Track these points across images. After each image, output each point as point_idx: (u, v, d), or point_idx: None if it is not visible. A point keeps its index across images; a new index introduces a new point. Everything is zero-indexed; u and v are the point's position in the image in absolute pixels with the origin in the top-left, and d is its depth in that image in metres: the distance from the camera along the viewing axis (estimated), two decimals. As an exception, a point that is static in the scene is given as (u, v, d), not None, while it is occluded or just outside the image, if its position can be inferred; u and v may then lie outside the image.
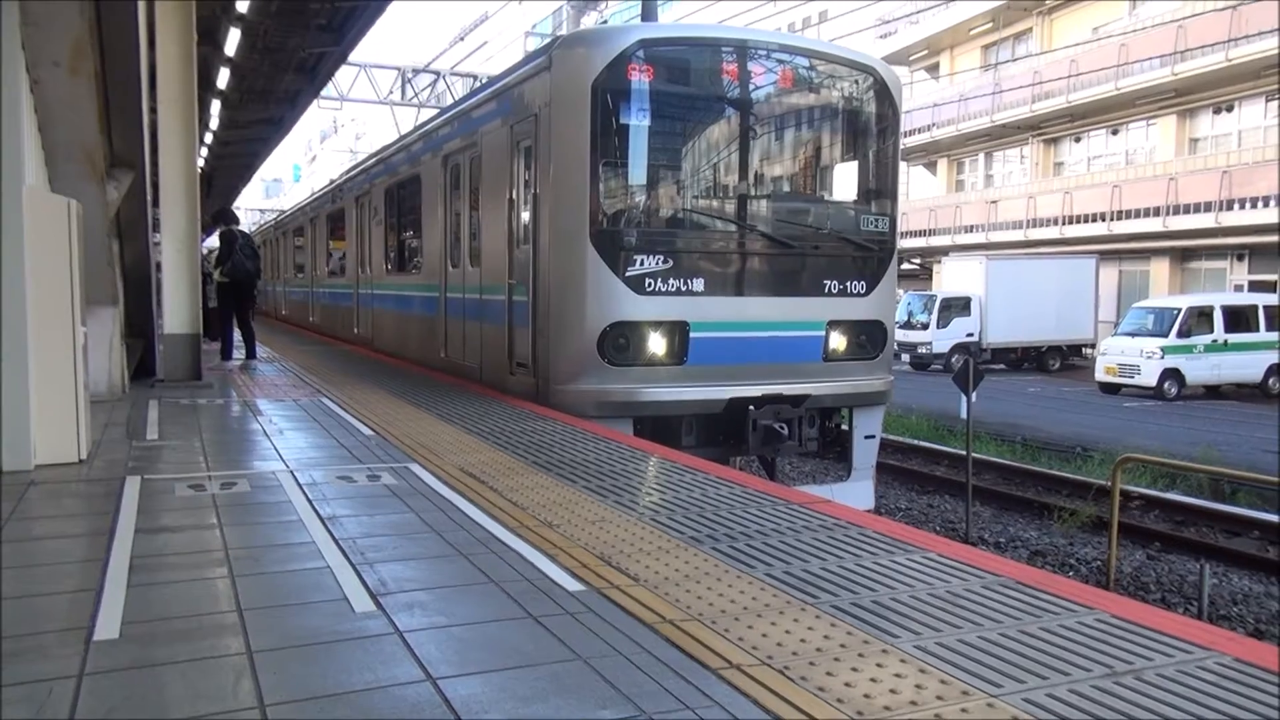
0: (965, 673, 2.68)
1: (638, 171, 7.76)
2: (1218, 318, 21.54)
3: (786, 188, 8.71)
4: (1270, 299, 22.90)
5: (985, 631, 3.00)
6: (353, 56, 18.55)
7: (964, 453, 11.07)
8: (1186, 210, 25.38)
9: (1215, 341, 21.41)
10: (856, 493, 8.42)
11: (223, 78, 15.18)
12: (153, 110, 9.52)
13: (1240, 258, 26.19)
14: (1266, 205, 23.38)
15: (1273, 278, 24.97)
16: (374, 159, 15.10)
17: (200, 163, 13.65)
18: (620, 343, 7.46)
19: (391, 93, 26.71)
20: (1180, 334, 21.15)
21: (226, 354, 12.34)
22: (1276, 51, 23.06)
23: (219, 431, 6.92)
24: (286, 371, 11.15)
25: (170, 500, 4.71)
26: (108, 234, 8.37)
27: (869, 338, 8.40)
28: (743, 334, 7.80)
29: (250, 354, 12.51)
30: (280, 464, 5.62)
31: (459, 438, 6.49)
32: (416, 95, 27.14)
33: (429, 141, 11.57)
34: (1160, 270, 28.35)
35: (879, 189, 8.56)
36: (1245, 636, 3.84)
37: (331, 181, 19.73)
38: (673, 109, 7.88)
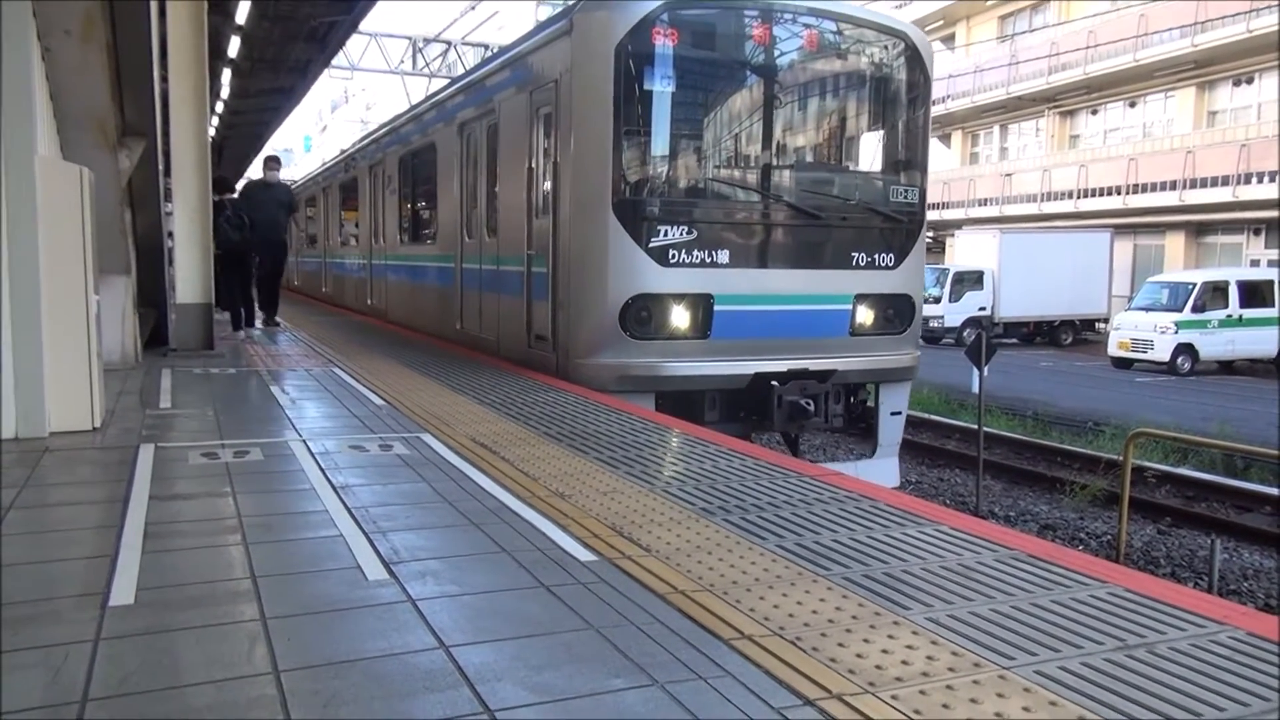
0: (977, 645, 2.68)
1: (662, 139, 7.56)
2: (1233, 293, 21.37)
3: (814, 157, 8.48)
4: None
5: (997, 604, 3.00)
6: (363, 25, 18.49)
7: (975, 427, 11.06)
8: (1203, 184, 25.12)
9: (1230, 317, 21.25)
10: (881, 470, 8.23)
11: (234, 46, 15.13)
12: (164, 79, 9.50)
13: (1257, 232, 25.97)
14: (1285, 179, 23.13)
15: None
16: (388, 128, 14.91)
17: (211, 132, 13.62)
18: (642, 315, 7.29)
19: (402, 62, 26.56)
20: (1195, 309, 20.99)
21: (236, 324, 12.34)
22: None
23: (232, 400, 6.94)
24: (298, 341, 11.18)
25: (184, 468, 4.74)
26: (120, 203, 8.38)
27: (896, 312, 8.21)
28: (768, 307, 7.62)
29: (249, 322, 12.51)
30: (293, 433, 5.64)
31: (471, 408, 6.50)
32: (428, 65, 26.97)
33: (444, 109, 11.34)
34: (1175, 245, 28.14)
35: (908, 159, 8.31)
36: (1257, 610, 3.84)
37: (343, 151, 19.63)
38: (698, 75, 7.64)
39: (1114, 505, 9.18)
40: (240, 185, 14.08)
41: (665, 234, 7.23)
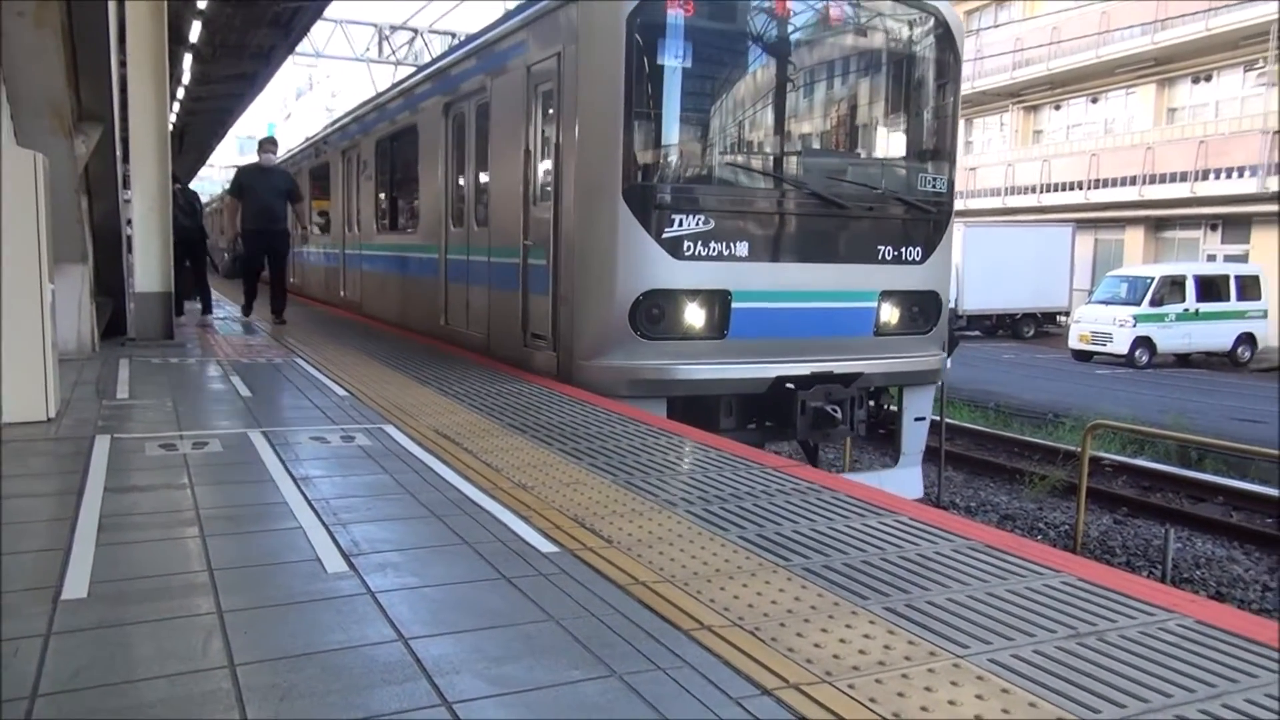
0: (933, 634, 2.71)
1: (677, 120, 6.92)
2: (1190, 287, 21.76)
3: (839, 142, 7.91)
4: (1242, 269, 23.17)
5: (953, 594, 3.04)
6: (328, 11, 18.27)
7: (937, 418, 11.17)
8: (1162, 180, 25.54)
9: (1187, 310, 21.65)
10: (904, 480, 7.73)
11: (195, 31, 14.91)
12: (122, 64, 9.33)
13: (1214, 228, 26.42)
14: (1240, 175, 23.56)
15: (1244, 248, 25.23)
16: (364, 109, 14.13)
17: (172, 118, 13.41)
18: (654, 313, 6.70)
19: (368, 50, 26.32)
20: (1153, 303, 21.37)
21: (179, 311, 12.08)
22: (1256, 21, 23.11)
23: (191, 391, 6.86)
24: (261, 332, 11.06)
25: (140, 459, 4.67)
26: (76, 190, 8.23)
27: (922, 310, 7.66)
28: (790, 305, 7.05)
29: (205, 309, 12.30)
30: (253, 424, 5.58)
31: (434, 399, 6.47)
32: (394, 53, 26.74)
33: (428, 89, 10.67)
34: (1135, 239, 28.57)
35: (938, 145, 7.76)
36: (1206, 599, 3.92)
37: (308, 139, 19.32)
38: (716, 50, 7.06)
39: (1072, 495, 9.33)
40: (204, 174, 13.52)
41: (680, 224, 6.63)
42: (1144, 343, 21.38)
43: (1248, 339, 22.34)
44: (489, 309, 8.78)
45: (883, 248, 7.34)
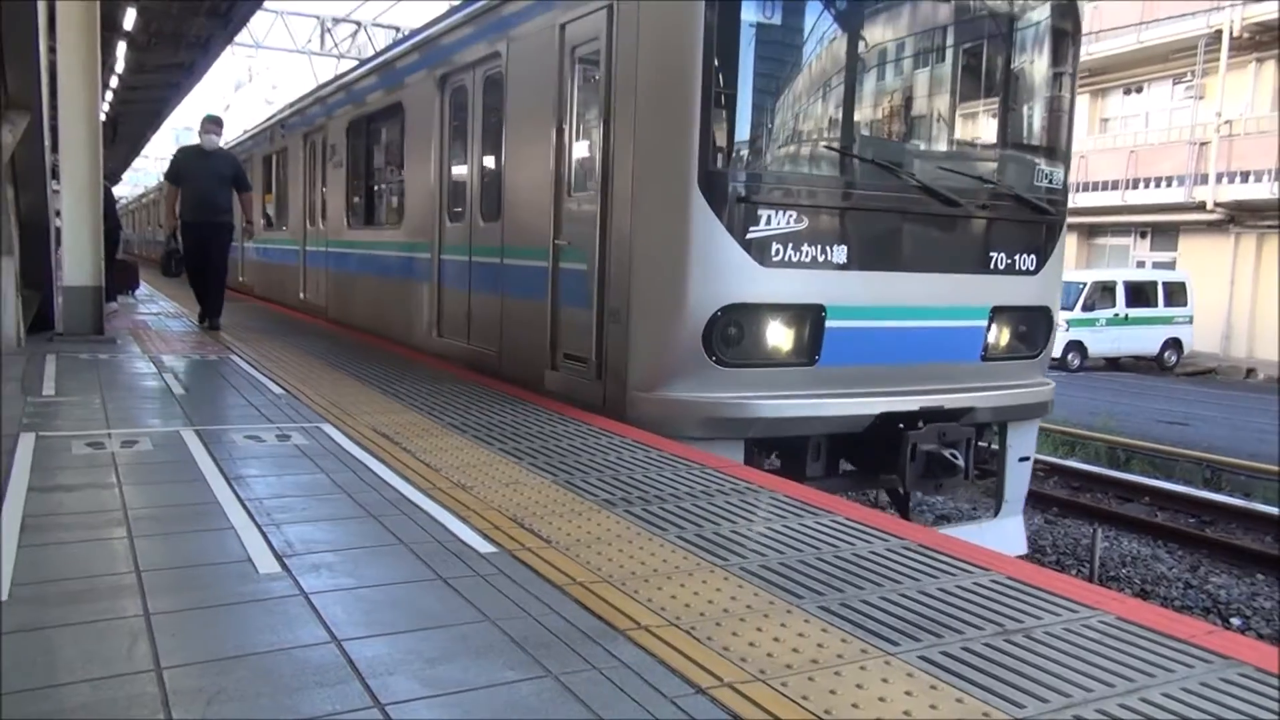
0: (865, 631, 2.76)
1: (768, 93, 5.68)
2: (1120, 293, 22.38)
3: (951, 128, 6.64)
4: (1169, 275, 23.91)
5: (886, 592, 3.10)
6: (269, 2, 17.96)
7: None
8: (1095, 188, 26.24)
9: (1117, 315, 22.26)
10: (1007, 533, 6.55)
11: (129, 18, 14.55)
12: (52, 50, 9.06)
13: (1143, 235, 27.21)
14: (1169, 185, 24.31)
15: (1172, 255, 26.03)
16: (332, 86, 12.72)
17: (104, 108, 13.04)
18: (731, 334, 5.47)
19: (310, 41, 25.94)
20: (1085, 308, 21.93)
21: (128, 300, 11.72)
22: (1185, 36, 23.85)
23: (121, 388, 6.68)
24: (194, 328, 10.82)
25: (67, 458, 4.55)
26: (2, 180, 7.98)
27: (1031, 329, 6.51)
28: (892, 324, 5.86)
29: (109, 298, 11.94)
30: (185, 422, 5.46)
31: (373, 398, 6.40)
32: (336, 45, 26.40)
33: (416, 59, 9.27)
34: (1069, 245, 29.25)
35: (1054, 134, 6.56)
36: (1130, 597, 4.04)
37: (246, 132, 18.91)
38: (816, 8, 5.81)
39: (1005, 496, 9.51)
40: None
41: (768, 221, 5.39)
42: (1076, 346, 21.95)
43: (1174, 344, 23.07)
44: (501, 322, 7.51)
45: (996, 255, 6.19)
